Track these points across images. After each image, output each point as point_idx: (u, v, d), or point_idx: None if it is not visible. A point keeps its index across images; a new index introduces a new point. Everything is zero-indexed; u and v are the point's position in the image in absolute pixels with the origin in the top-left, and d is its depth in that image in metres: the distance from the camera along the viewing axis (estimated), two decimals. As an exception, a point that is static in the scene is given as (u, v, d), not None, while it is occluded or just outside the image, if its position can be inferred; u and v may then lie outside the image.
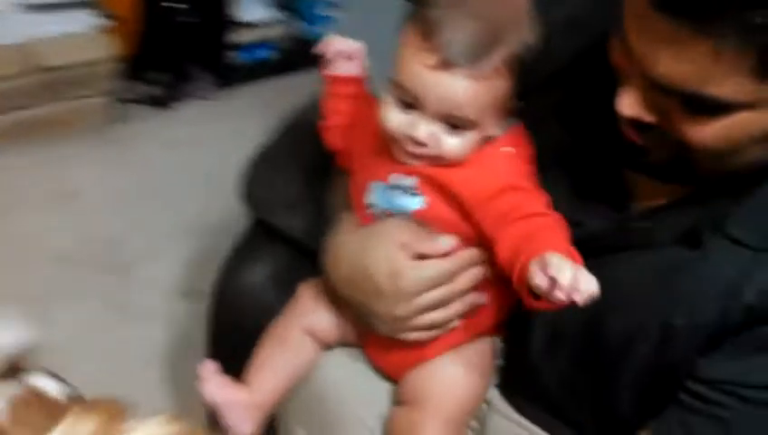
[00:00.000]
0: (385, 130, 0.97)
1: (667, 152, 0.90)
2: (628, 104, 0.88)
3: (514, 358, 1.12)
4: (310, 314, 1.17)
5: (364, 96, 1.11)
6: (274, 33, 2.93)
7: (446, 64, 0.90)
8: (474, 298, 1.05)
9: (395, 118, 0.96)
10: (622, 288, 0.98)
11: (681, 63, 0.80)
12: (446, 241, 1.00)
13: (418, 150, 0.96)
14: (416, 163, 0.98)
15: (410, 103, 0.94)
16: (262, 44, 2.91)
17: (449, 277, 1.02)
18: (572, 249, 0.88)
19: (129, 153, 2.56)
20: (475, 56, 0.90)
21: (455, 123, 0.93)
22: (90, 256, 2.19)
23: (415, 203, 1.01)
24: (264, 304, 1.34)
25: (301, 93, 2.77)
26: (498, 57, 0.91)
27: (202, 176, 2.49)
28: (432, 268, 1.01)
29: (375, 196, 1.04)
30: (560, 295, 0.81)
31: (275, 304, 1.33)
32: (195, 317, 2.07)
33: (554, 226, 0.93)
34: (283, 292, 1.34)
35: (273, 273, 1.36)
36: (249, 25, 2.85)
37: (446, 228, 1.01)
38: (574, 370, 1.05)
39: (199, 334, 2.01)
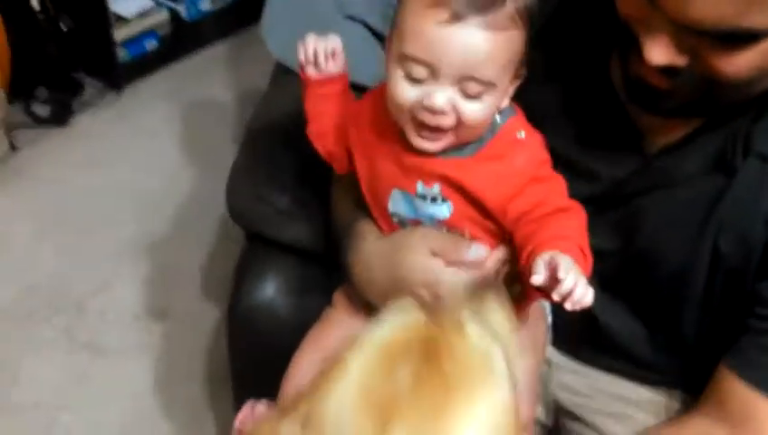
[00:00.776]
0: (396, 109, 0.90)
1: (693, 91, 0.88)
2: (659, 53, 0.84)
3: (567, 312, 1.10)
4: (348, 322, 1.12)
5: (349, 93, 1.04)
6: (155, 21, 2.76)
7: (459, 16, 0.83)
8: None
9: (406, 92, 0.88)
10: (663, 228, 0.98)
11: (719, 2, 0.77)
12: (479, 250, 0.96)
13: (436, 121, 0.88)
14: (432, 146, 0.92)
15: (420, 79, 0.87)
16: (145, 36, 2.73)
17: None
18: (586, 244, 0.88)
19: (41, 182, 2.39)
20: (488, 3, 0.85)
21: (471, 90, 0.87)
22: (37, 303, 2.05)
23: (444, 211, 0.95)
24: (280, 319, 1.31)
25: (197, 78, 2.69)
26: (512, 4, 0.86)
27: (124, 189, 2.35)
28: (469, 275, 0.96)
29: (399, 205, 0.98)
30: (554, 296, 0.80)
31: (290, 316, 1.30)
32: (167, 337, 1.99)
33: (574, 219, 0.91)
34: (296, 302, 1.31)
35: (281, 285, 1.31)
36: (128, 19, 2.68)
37: (474, 229, 0.96)
38: (632, 313, 1.05)
39: (177, 353, 1.94)
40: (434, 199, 0.95)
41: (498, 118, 0.93)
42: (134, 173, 2.40)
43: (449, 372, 0.70)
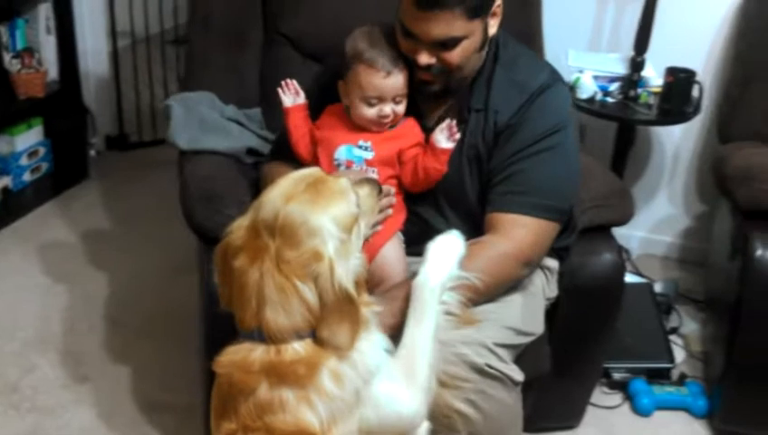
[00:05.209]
0: (360, 118, 1.84)
1: (441, 79, 1.80)
2: (423, 58, 1.78)
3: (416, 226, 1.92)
4: None
5: (308, 115, 1.93)
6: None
7: (388, 74, 1.81)
8: (390, 197, 1.84)
9: (368, 111, 1.84)
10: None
11: (441, 27, 1.72)
12: (374, 175, 1.82)
13: (385, 121, 1.84)
14: (380, 130, 1.84)
15: (374, 103, 1.83)
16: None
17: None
18: None
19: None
20: (396, 67, 1.82)
21: (398, 100, 1.84)
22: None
23: (370, 155, 1.84)
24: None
25: (40, 227, 3.40)
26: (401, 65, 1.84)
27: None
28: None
29: (342, 153, 1.84)
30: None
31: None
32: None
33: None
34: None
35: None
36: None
37: (383, 169, 1.84)
38: (439, 209, 1.92)
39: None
40: (366, 148, 1.84)
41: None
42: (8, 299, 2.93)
43: (326, 188, 1.48)
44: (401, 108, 1.83)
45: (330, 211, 1.45)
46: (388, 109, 1.81)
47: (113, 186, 3.68)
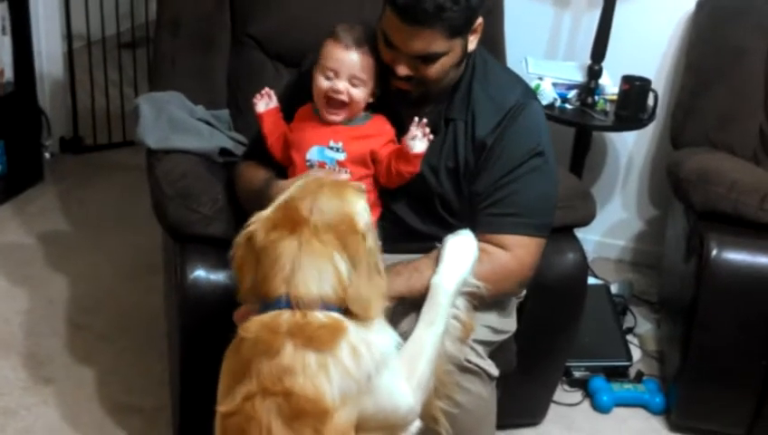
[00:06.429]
0: (317, 95, 1.83)
1: (419, 89, 1.80)
2: (402, 69, 1.77)
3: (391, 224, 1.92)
4: None
5: (282, 118, 1.93)
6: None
7: (348, 47, 1.80)
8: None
9: (323, 83, 1.82)
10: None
11: (421, 42, 1.70)
12: (345, 175, 1.82)
13: (337, 97, 1.80)
14: (336, 118, 1.82)
15: (330, 77, 1.81)
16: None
17: None
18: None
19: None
20: (359, 43, 1.80)
21: (354, 82, 1.80)
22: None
23: (341, 156, 1.84)
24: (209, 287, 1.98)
25: None
26: (367, 46, 1.82)
27: None
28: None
29: (314, 154, 1.84)
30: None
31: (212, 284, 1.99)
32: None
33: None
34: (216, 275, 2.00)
35: (206, 265, 2.00)
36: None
37: (354, 169, 1.83)
38: (414, 208, 1.93)
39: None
40: (337, 149, 1.84)
41: (367, 114, 1.87)
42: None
43: (349, 187, 1.60)
44: (357, 93, 1.81)
45: (359, 201, 1.58)
46: (341, 85, 1.78)
47: (68, 189, 3.64)
